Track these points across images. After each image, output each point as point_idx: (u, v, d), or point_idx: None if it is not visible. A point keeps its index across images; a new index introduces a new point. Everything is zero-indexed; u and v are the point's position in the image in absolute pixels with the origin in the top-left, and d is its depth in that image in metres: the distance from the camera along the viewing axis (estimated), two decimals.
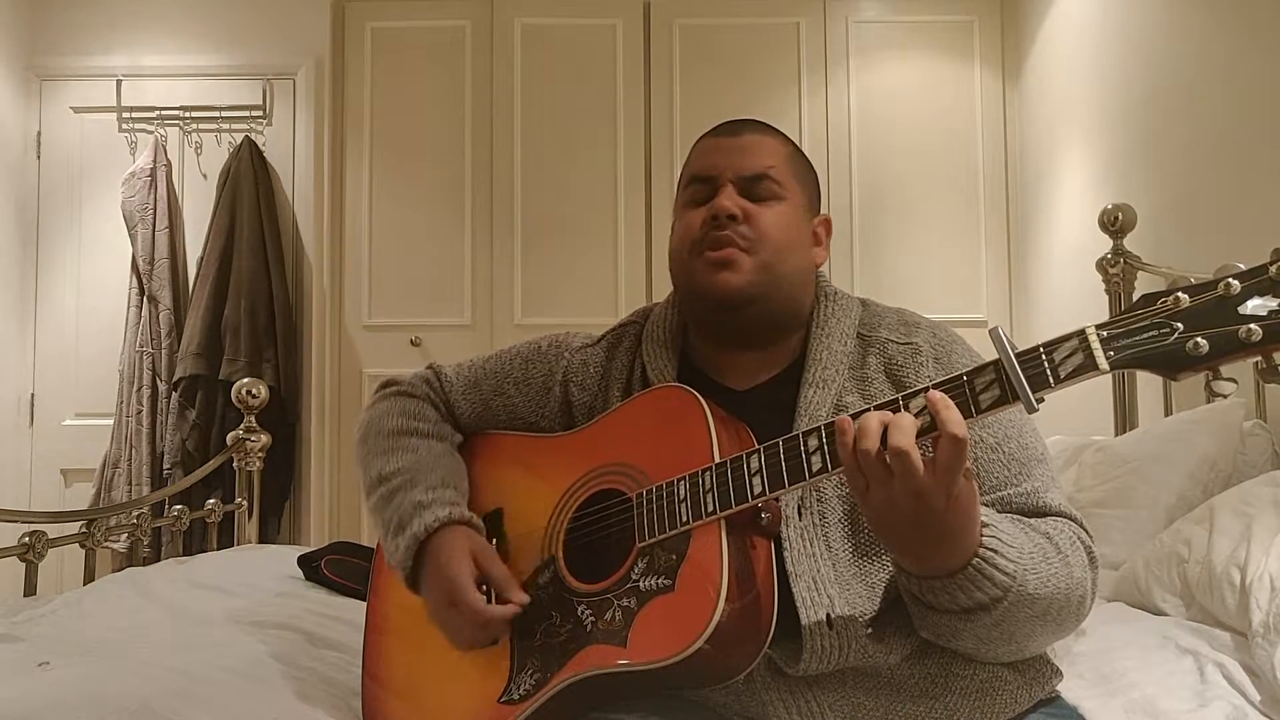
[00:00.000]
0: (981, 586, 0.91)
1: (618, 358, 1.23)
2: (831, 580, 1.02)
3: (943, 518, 0.87)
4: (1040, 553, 0.96)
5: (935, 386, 0.88)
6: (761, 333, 1.15)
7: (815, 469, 0.93)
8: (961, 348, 1.13)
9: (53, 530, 1.97)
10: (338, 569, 1.93)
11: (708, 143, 1.18)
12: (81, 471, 3.74)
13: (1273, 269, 0.76)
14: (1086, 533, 1.03)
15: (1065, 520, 1.03)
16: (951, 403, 0.85)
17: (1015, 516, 1.02)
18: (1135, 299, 0.82)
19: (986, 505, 0.98)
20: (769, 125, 1.20)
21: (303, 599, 1.79)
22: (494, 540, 1.17)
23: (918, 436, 0.86)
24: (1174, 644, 1.50)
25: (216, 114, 3.83)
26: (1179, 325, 0.79)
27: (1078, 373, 0.82)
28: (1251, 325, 0.76)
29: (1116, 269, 2.69)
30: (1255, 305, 0.76)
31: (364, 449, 1.26)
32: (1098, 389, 2.73)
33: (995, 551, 0.91)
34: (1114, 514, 2.01)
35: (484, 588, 1.13)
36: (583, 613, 1.04)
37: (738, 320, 1.13)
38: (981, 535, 0.91)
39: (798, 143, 1.23)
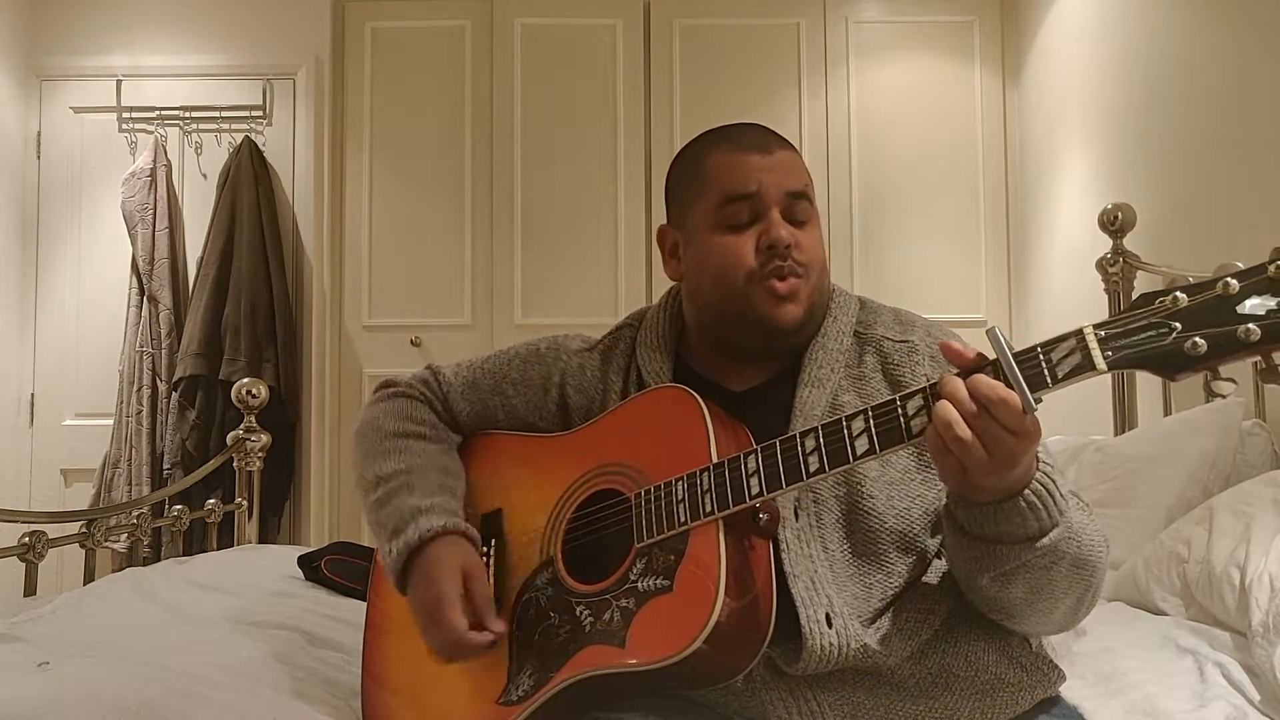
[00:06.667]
0: (1047, 505, 0.90)
1: (614, 362, 1.22)
2: (829, 581, 1.02)
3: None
4: (1074, 502, 0.98)
5: (933, 386, 0.87)
6: (787, 347, 1.14)
7: (813, 469, 0.93)
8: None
9: (53, 530, 1.97)
10: (338, 569, 1.93)
11: (737, 158, 1.11)
12: (81, 471, 3.74)
13: (1271, 268, 0.75)
14: None
15: None
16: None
17: None
18: (1133, 298, 0.81)
19: None
20: (780, 134, 1.16)
21: (303, 599, 1.79)
22: (493, 541, 1.17)
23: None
24: (1174, 644, 1.50)
25: (216, 114, 3.82)
26: (1177, 325, 0.78)
27: (1075, 373, 0.81)
28: (1250, 325, 0.75)
29: (1116, 269, 2.69)
30: (1254, 305, 0.75)
31: (361, 450, 1.25)
32: (1097, 389, 2.73)
33: (1049, 476, 0.91)
34: (1114, 514, 2.01)
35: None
36: (581, 613, 1.03)
37: (785, 345, 1.13)
38: (1036, 463, 0.91)
39: (797, 144, 1.21)
